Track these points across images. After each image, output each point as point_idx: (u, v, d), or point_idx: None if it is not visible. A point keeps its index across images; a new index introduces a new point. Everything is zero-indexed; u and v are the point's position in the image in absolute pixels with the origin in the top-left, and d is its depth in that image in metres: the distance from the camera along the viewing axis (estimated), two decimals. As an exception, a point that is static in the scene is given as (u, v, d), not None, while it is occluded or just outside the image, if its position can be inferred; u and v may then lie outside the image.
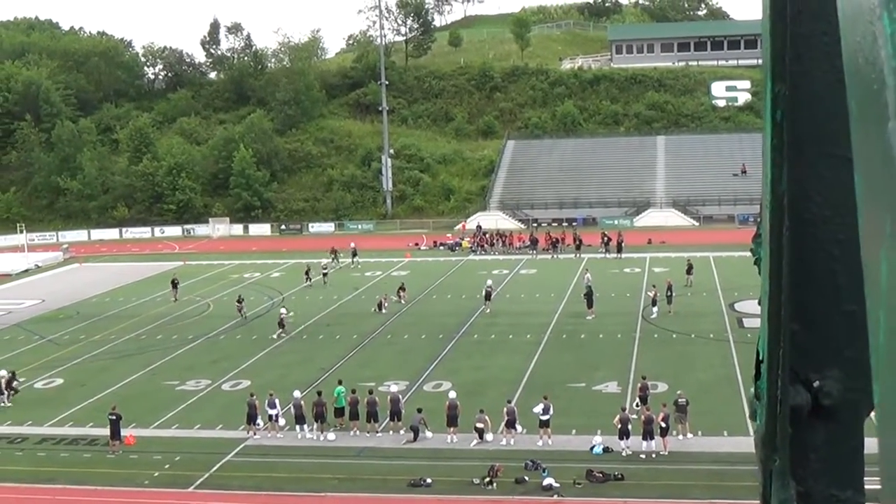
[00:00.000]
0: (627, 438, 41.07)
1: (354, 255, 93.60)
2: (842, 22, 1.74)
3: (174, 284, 79.54)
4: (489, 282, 72.72)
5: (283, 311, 66.59)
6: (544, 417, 42.63)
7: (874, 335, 1.60)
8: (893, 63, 1.52)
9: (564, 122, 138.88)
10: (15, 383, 54.51)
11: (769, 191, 2.10)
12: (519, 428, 43.11)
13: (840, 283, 2.06)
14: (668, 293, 66.76)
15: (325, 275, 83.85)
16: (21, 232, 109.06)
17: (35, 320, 74.36)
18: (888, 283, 1.54)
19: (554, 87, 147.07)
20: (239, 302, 71.18)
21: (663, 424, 41.10)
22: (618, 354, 55.75)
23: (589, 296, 67.46)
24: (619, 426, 41.15)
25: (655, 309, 65.87)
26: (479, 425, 42.88)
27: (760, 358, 2.22)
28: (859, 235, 1.68)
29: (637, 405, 44.56)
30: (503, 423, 43.26)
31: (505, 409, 43.45)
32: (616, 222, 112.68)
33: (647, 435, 40.95)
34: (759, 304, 2.22)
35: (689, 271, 75.74)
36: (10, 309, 79.58)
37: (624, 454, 40.76)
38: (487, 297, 70.27)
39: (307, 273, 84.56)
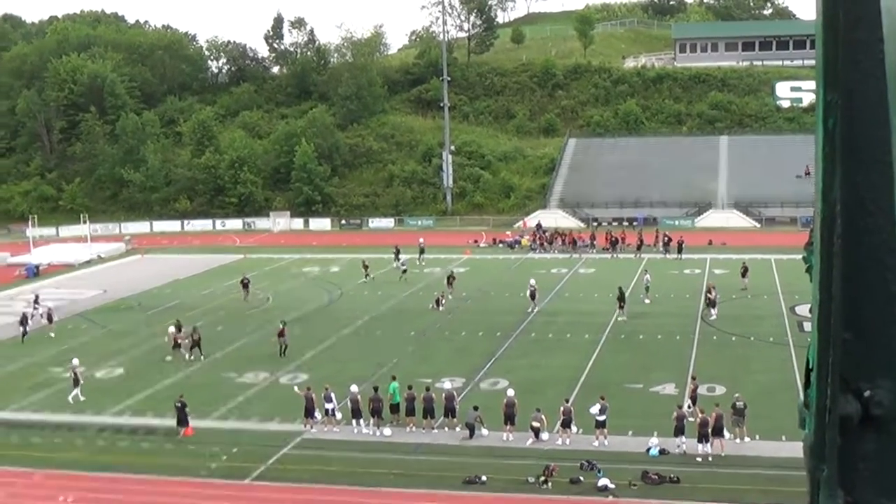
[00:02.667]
0: (682, 435, 41.04)
1: (422, 251, 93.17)
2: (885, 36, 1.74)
3: (245, 285, 77.61)
4: (532, 281, 72.03)
5: (75, 362, 54.62)
6: (601, 418, 42.51)
7: None
8: None
9: (627, 121, 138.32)
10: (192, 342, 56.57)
11: (821, 199, 2.08)
12: (574, 428, 43.00)
13: (893, 291, 2.04)
14: (709, 296, 66.47)
15: (404, 271, 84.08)
16: (84, 223, 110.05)
17: (97, 310, 75.05)
18: None
19: (616, 85, 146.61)
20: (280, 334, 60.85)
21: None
22: (676, 356, 55.34)
23: (622, 297, 67.27)
24: (676, 423, 41.18)
25: (714, 311, 65.45)
26: (535, 424, 42.77)
27: (810, 366, 2.20)
28: None
29: (689, 406, 44.31)
30: (559, 423, 43.18)
31: (562, 409, 43.34)
32: (677, 223, 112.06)
33: (703, 438, 40.71)
34: (810, 312, 2.21)
35: (743, 274, 75.03)
36: (72, 298, 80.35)
37: (677, 450, 40.82)
38: (532, 296, 69.95)
39: (396, 255, 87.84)
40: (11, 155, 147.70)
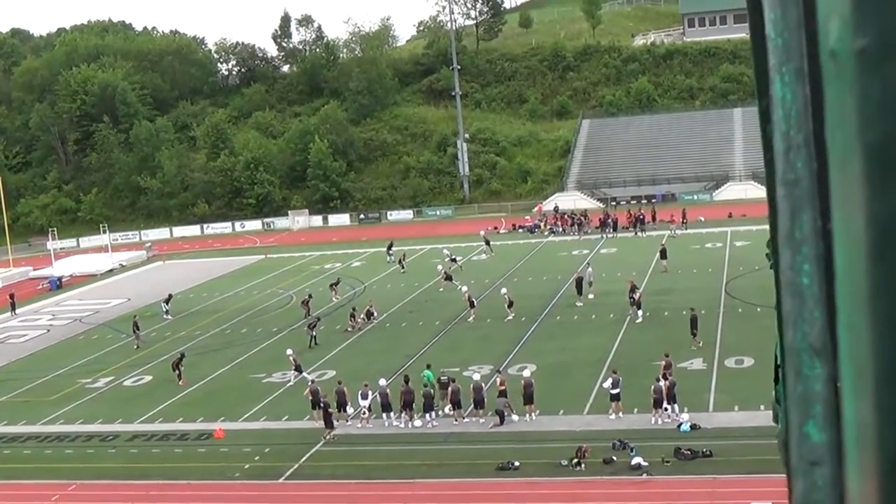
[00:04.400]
0: (660, 407, 42.27)
1: (487, 243, 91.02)
2: None
3: (332, 286, 75.98)
4: (506, 292, 67.15)
5: (289, 352, 55.60)
6: (614, 392, 43.07)
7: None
8: (783, 127, 1.67)
9: (639, 99, 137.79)
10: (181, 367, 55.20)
11: (770, 200, 2.04)
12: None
13: None
14: (633, 295, 62.37)
15: (459, 266, 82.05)
16: (104, 232, 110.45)
17: (121, 319, 74.99)
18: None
19: (627, 63, 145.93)
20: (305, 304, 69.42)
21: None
22: (702, 330, 54.82)
23: (580, 282, 67.12)
24: (654, 396, 42.32)
25: (640, 312, 61.20)
26: (499, 408, 43.71)
27: (778, 362, 2.15)
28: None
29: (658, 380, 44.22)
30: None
31: (523, 383, 44.78)
32: (695, 197, 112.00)
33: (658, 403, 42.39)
34: (775, 309, 2.16)
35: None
36: (96, 309, 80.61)
37: (652, 421, 41.91)
38: (469, 300, 66.28)
39: (388, 249, 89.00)
40: (28, 169, 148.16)
